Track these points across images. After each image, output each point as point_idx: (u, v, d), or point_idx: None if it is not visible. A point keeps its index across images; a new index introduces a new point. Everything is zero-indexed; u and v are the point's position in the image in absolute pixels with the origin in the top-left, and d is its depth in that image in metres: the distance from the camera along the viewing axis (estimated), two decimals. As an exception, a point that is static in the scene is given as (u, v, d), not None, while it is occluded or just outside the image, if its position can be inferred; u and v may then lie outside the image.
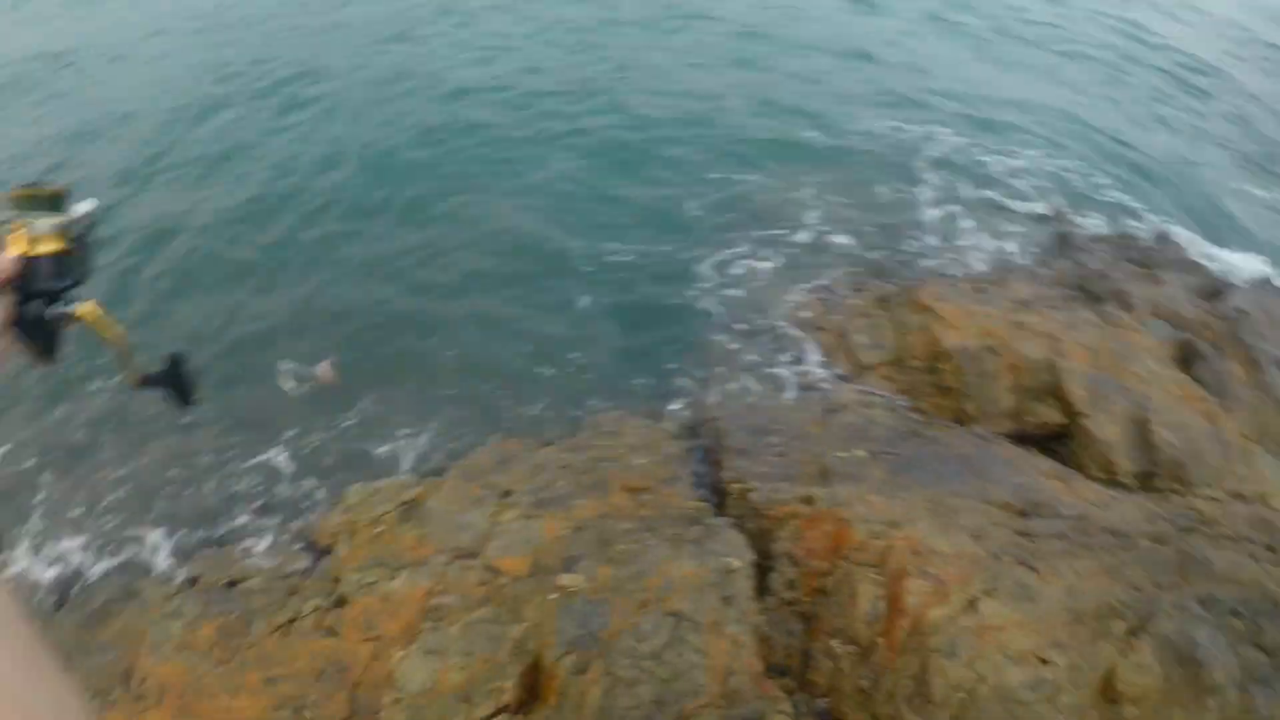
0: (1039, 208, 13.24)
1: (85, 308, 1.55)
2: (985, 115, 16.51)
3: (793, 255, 11.82)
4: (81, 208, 1.62)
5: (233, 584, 7.42)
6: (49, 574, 8.08)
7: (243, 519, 8.55)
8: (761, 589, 6.44)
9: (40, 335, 1.53)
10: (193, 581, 7.56)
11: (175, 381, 1.88)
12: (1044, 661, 5.21)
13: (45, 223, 1.50)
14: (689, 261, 11.84)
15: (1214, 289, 10.86)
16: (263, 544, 8.12)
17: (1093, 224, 13.04)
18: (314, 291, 11.44)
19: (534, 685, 5.82)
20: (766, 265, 11.69)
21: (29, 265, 1.45)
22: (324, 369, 9.63)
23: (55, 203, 1.55)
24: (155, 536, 8.45)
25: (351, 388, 9.82)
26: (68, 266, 1.56)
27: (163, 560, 8.12)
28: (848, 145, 14.83)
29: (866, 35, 19.24)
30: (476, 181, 13.69)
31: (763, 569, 6.67)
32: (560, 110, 15.53)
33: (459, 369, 10.30)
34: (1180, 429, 8.11)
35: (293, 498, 8.80)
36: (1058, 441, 8.52)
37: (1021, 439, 8.49)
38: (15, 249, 1.46)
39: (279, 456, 9.22)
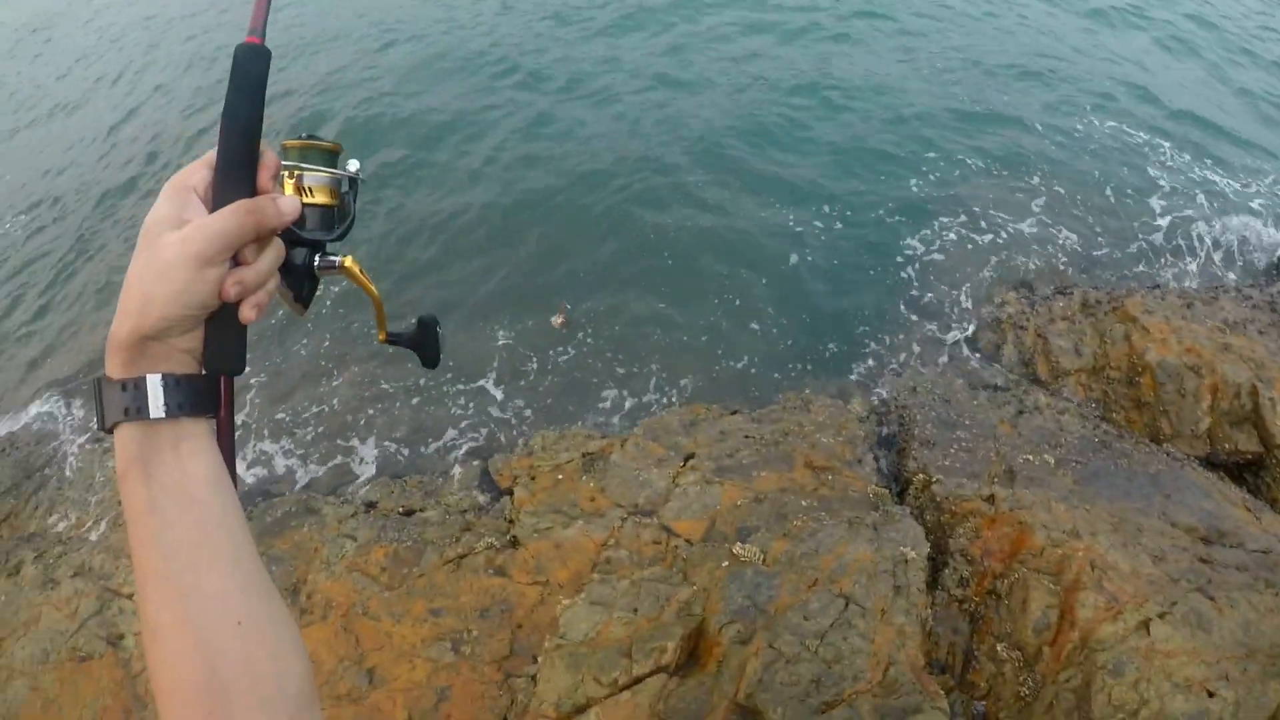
0: (1261, 229, 12.93)
1: (348, 261, 1.69)
2: (1217, 131, 16.10)
3: (1003, 248, 11.76)
4: (350, 166, 1.77)
5: (409, 514, 7.74)
6: (248, 477, 8.55)
7: (431, 453, 8.86)
8: (933, 583, 6.53)
9: (300, 282, 1.69)
10: (370, 506, 7.89)
11: (423, 342, 2.04)
12: (1210, 694, 5.20)
13: (319, 174, 1.65)
14: (898, 240, 11.98)
15: None
16: (445, 479, 8.40)
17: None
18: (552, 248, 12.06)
19: (695, 650, 6.00)
20: (975, 254, 11.66)
21: (301, 212, 1.59)
22: (558, 316, 10.42)
23: (329, 158, 1.69)
24: (344, 460, 8.82)
25: (565, 339, 10.23)
26: (334, 220, 1.72)
27: (348, 482, 8.46)
28: (1071, 146, 14.62)
29: (1103, 48, 18.83)
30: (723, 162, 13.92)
31: (936, 563, 6.75)
32: (799, 104, 15.59)
33: (660, 327, 10.66)
34: (1380, 472, 7.96)
35: (480, 438, 9.14)
36: (1251, 471, 8.40)
37: (1214, 464, 8.39)
38: (289, 194, 1.60)
39: (473, 401, 9.60)
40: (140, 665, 6.48)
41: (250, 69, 1.39)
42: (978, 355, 9.96)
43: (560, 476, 7.87)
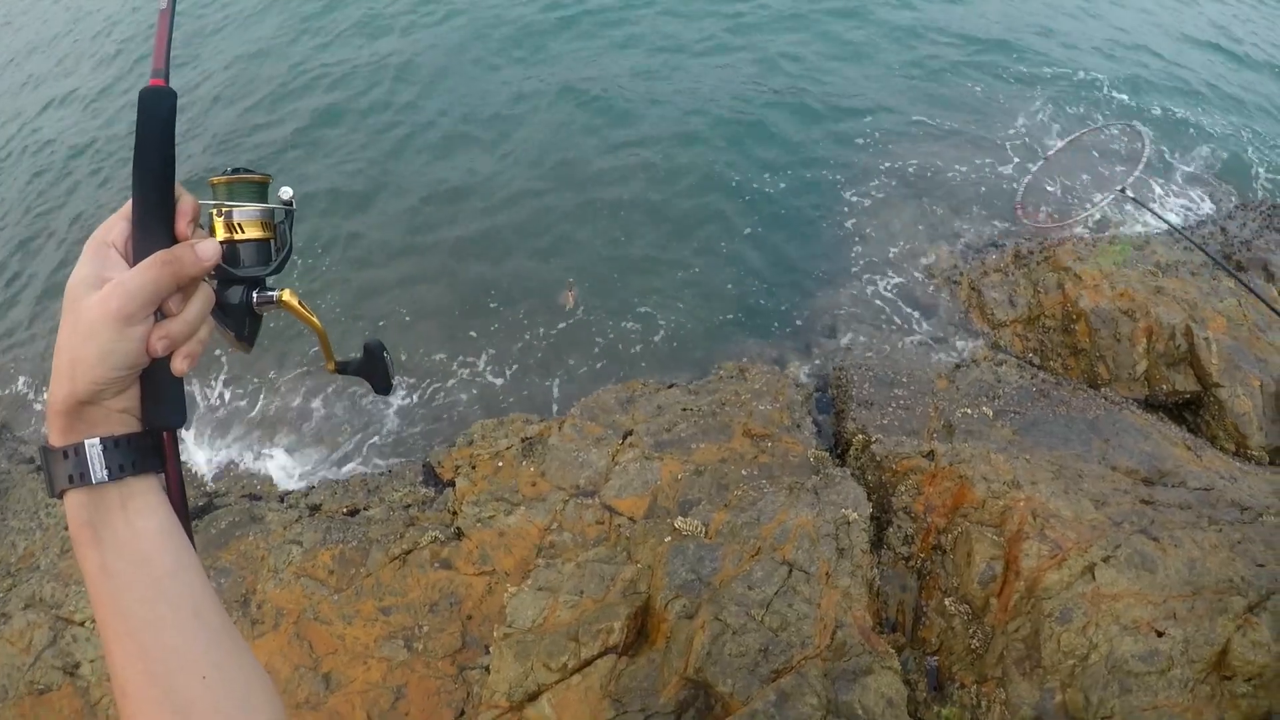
0: (1190, 171, 13.01)
1: (285, 295, 1.64)
2: (1152, 75, 16.20)
3: (935, 205, 11.80)
4: (283, 194, 1.72)
5: (353, 513, 7.69)
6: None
7: (370, 450, 8.82)
8: (878, 542, 6.53)
9: (241, 321, 1.64)
10: (314, 509, 7.83)
11: (372, 369, 2.00)
12: (1159, 633, 5.22)
13: (249, 209, 1.60)
14: (829, 203, 11.99)
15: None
16: (387, 475, 8.37)
17: (1242, 192, 12.79)
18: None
19: (643, 627, 5.96)
20: (907, 213, 11.72)
21: (233, 250, 1.55)
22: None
23: (259, 190, 1.64)
24: (282, 463, 8.75)
25: (468, 329, 10.19)
26: (270, 253, 1.66)
27: (286, 487, 8.38)
28: (999, 104, 14.69)
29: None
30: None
31: (881, 522, 6.75)
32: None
33: (596, 302, 10.62)
34: (1318, 404, 8.02)
35: (417, 432, 9.08)
36: (1189, 410, 8.47)
37: (1153, 405, 8.46)
38: (220, 234, 1.56)
39: (414, 394, 9.59)
40: (99, 693, 6.40)
41: (156, 112, 1.33)
42: (913, 312, 9.97)
43: (500, 464, 7.83)
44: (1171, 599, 5.38)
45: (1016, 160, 12.81)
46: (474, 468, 7.87)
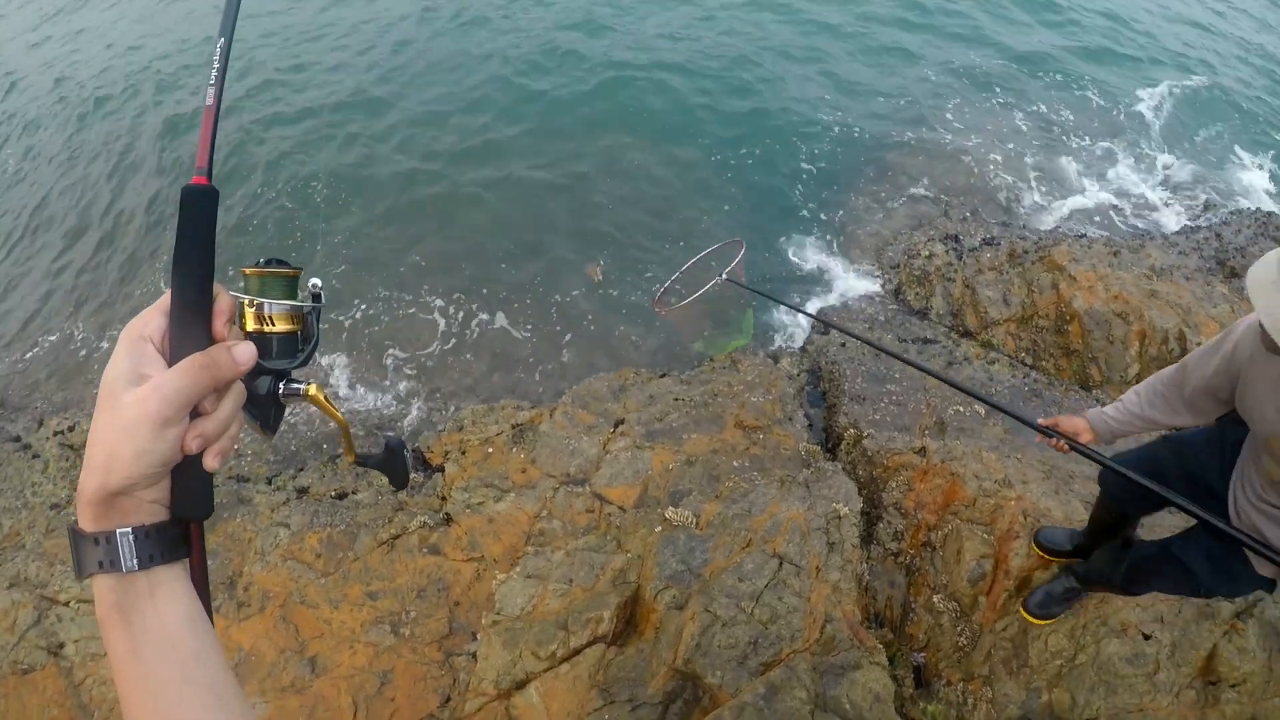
0: (1185, 176, 13.05)
1: (313, 389, 1.65)
2: (1145, 69, 16.28)
3: (930, 201, 11.87)
4: (312, 286, 1.72)
5: (341, 497, 7.66)
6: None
7: (361, 433, 8.81)
8: (868, 537, 6.53)
9: (267, 411, 1.65)
10: (302, 492, 7.80)
11: (391, 464, 2.02)
12: (1146, 637, 5.23)
13: (280, 304, 1.60)
14: (825, 197, 12.07)
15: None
16: (379, 434, 8.35)
17: (1239, 198, 12.83)
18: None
19: (632, 617, 5.96)
20: (903, 209, 11.78)
21: (263, 342, 1.55)
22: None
23: (289, 284, 1.64)
24: (270, 445, 8.73)
25: (471, 314, 10.19)
26: (297, 345, 1.67)
27: (274, 470, 8.36)
28: (998, 99, 14.74)
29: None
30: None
31: (871, 518, 6.76)
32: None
33: (586, 290, 10.69)
34: (1306, 411, 8.02)
35: (411, 415, 9.10)
36: (1181, 415, 8.47)
37: (1144, 409, 8.46)
38: (250, 325, 1.56)
39: (403, 381, 9.60)
40: (83, 673, 6.39)
41: (199, 212, 1.33)
42: (907, 308, 10.00)
43: (490, 450, 7.81)
44: (1159, 602, 5.39)
45: (1014, 159, 12.86)
46: (464, 453, 7.85)
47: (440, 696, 5.91)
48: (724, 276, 8.30)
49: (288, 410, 1.70)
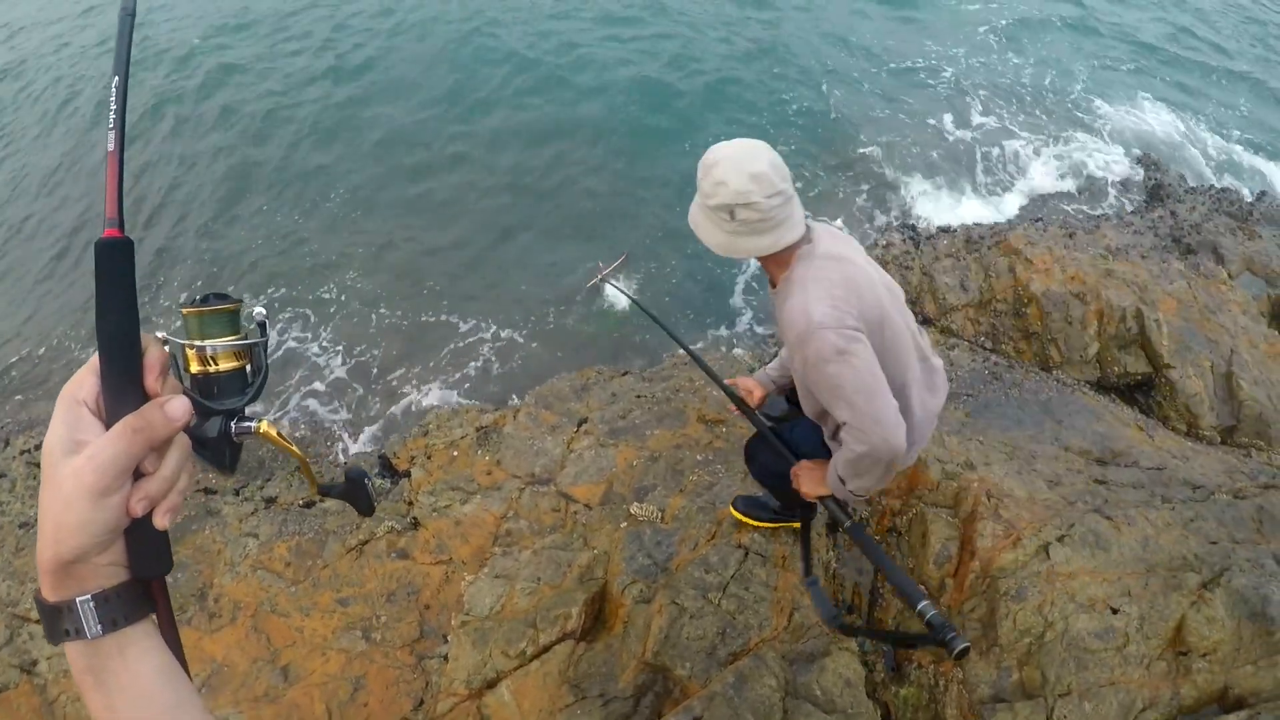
0: (1138, 154, 13.11)
1: (264, 426, 1.61)
2: (1091, 54, 16.35)
3: (880, 190, 11.86)
4: (256, 315, 1.68)
5: (309, 505, 7.61)
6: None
7: (325, 440, 8.77)
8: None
9: (221, 452, 1.60)
10: (270, 501, 7.74)
11: (355, 496, 1.98)
12: (1114, 611, 5.21)
13: (222, 341, 1.55)
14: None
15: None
16: (343, 467, 8.31)
17: (1191, 175, 12.90)
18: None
19: (601, 613, 5.96)
20: (859, 198, 11.77)
21: (208, 383, 1.50)
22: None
23: (230, 319, 1.60)
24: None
25: (419, 313, 10.19)
26: (246, 380, 1.62)
27: (241, 480, 8.30)
28: (935, 82, 14.80)
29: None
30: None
31: (835, 505, 6.76)
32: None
33: (546, 287, 10.71)
34: (1266, 384, 8.09)
35: (373, 421, 9.06)
36: (1141, 391, 8.52)
37: (1105, 387, 8.50)
38: (194, 367, 1.52)
39: (371, 386, 9.55)
40: (56, 690, 6.33)
41: (115, 266, 1.23)
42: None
43: (455, 453, 7.80)
44: (1126, 576, 5.38)
45: (969, 145, 12.91)
46: (429, 458, 7.83)
47: (413, 700, 5.89)
48: (602, 278, 8.44)
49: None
